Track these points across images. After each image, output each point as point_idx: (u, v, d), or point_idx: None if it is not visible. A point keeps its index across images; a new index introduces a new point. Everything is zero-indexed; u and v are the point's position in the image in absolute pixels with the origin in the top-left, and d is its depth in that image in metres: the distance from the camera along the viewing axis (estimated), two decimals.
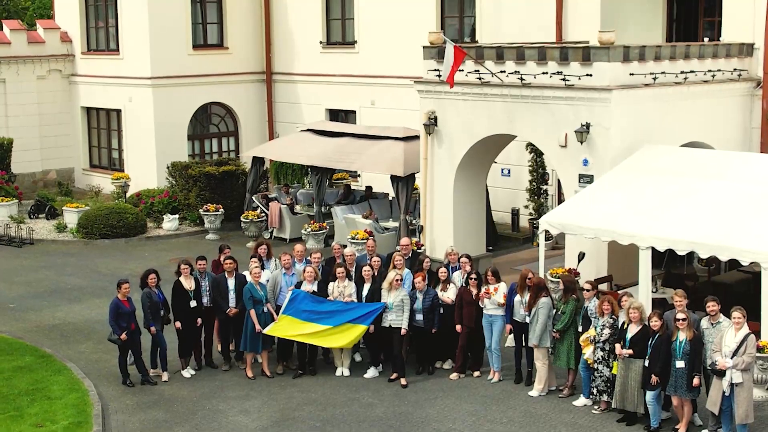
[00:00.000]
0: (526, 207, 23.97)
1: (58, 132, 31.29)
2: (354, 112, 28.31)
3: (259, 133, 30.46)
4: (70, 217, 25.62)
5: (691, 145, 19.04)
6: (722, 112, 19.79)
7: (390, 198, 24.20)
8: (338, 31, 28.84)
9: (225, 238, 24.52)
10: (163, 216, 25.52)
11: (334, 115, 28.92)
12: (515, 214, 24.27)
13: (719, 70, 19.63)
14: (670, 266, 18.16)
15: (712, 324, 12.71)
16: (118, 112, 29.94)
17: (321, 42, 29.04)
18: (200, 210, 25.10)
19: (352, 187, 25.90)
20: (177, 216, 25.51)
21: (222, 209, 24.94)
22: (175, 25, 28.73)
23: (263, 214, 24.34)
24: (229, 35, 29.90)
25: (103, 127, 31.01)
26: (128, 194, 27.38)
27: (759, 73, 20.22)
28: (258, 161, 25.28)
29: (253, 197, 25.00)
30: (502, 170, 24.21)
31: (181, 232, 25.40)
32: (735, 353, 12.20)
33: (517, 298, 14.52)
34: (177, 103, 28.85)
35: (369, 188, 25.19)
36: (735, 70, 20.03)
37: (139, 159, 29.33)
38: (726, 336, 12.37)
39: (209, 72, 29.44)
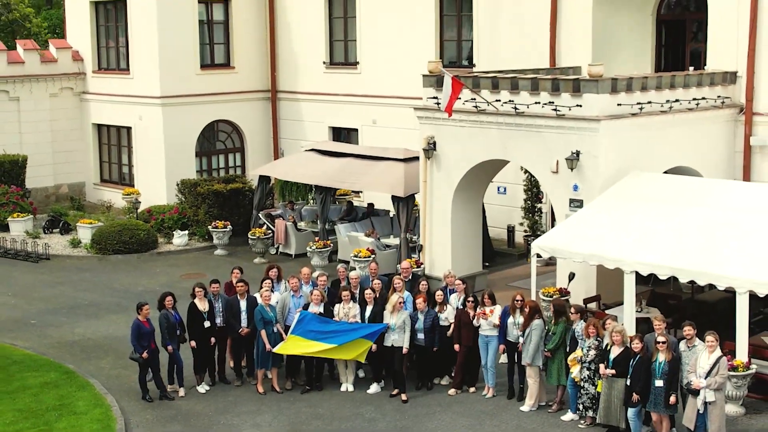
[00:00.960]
0: (521, 224, 25.07)
1: (70, 148, 32.38)
2: (356, 130, 29.38)
3: (264, 150, 31.55)
4: (84, 233, 26.70)
5: (678, 170, 20.17)
6: (707, 137, 20.87)
7: (391, 215, 25.26)
8: (341, 51, 29.91)
9: (233, 254, 25.71)
10: (174, 232, 26.61)
11: (337, 132, 30.01)
12: (511, 230, 25.36)
13: (703, 98, 20.72)
14: (656, 285, 19.22)
15: (689, 347, 13.79)
16: (129, 129, 31.01)
17: (324, 62, 30.11)
18: (209, 226, 26.19)
19: (355, 204, 26.98)
20: (187, 232, 26.62)
21: (230, 225, 26.03)
22: (184, 45, 29.80)
23: (269, 231, 25.44)
24: (235, 55, 30.96)
25: (114, 143, 32.08)
26: (139, 210, 28.44)
27: (742, 100, 21.33)
28: (264, 179, 26.39)
29: (260, 214, 26.09)
30: (499, 188, 25.22)
31: (190, 247, 26.49)
32: (708, 374, 13.29)
33: (510, 319, 15.59)
34: (185, 121, 29.93)
35: (371, 205, 26.28)
36: (719, 97, 21.12)
37: (148, 175, 30.40)
38: (700, 358, 13.46)
39: (216, 91, 30.51)
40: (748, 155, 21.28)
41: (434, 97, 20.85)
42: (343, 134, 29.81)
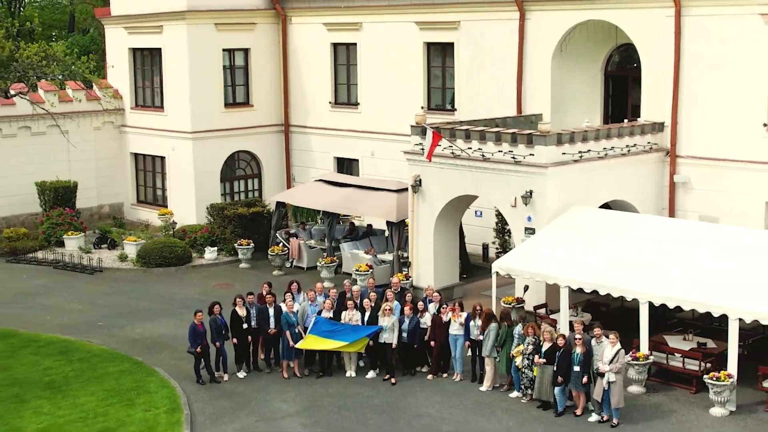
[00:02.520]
0: (494, 242, 30.26)
1: (111, 173, 37.51)
2: (357, 160, 34.54)
3: (278, 176, 36.76)
4: (130, 248, 31.91)
5: (615, 203, 25.40)
6: (639, 176, 26.07)
7: (386, 234, 30.44)
8: (344, 93, 35.09)
9: (255, 267, 30.90)
10: (205, 248, 31.82)
11: (341, 162, 35.19)
12: (485, 248, 30.57)
13: (635, 145, 25.96)
14: (597, 295, 24.30)
15: (597, 342, 18.99)
16: (162, 158, 36.22)
17: (330, 102, 35.30)
18: (234, 244, 31.41)
19: (356, 224, 32.20)
20: (216, 248, 31.82)
21: (252, 243, 31.23)
22: (210, 87, 34.99)
23: (285, 248, 30.65)
24: (254, 95, 36.14)
25: (149, 170, 37.28)
26: (175, 228, 33.61)
27: (668, 145, 26.53)
28: (281, 204, 31.61)
29: (277, 234, 31.28)
30: (476, 212, 30.26)
31: (219, 261, 31.69)
32: (611, 362, 18.48)
33: (473, 322, 20.81)
34: (211, 152, 35.11)
35: (369, 226, 31.49)
36: (649, 143, 26.36)
37: (180, 197, 35.59)
38: (605, 350, 18.67)
39: (238, 126, 35.69)
40: (673, 190, 26.49)
41: (419, 144, 26.05)
42: (346, 164, 35.00)
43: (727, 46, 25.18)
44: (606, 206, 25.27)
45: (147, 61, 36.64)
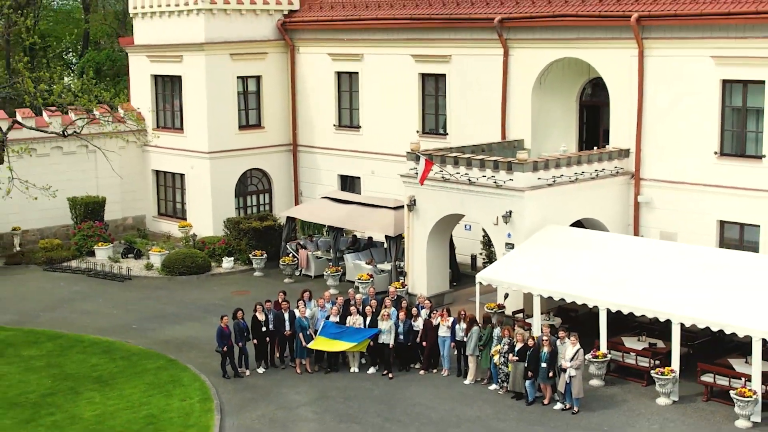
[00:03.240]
0: (481, 253, 33.82)
1: (134, 188, 41.11)
2: (359, 177, 38.15)
3: (287, 191, 40.39)
4: (155, 258, 35.52)
5: (586, 221, 29.01)
6: (606, 197, 29.64)
7: (385, 246, 34.02)
8: (347, 117, 38.70)
9: (268, 275, 34.49)
10: (222, 258, 35.44)
11: (344, 179, 38.79)
12: (474, 258, 34.16)
13: (603, 170, 29.54)
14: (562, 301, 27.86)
15: (561, 343, 22.61)
16: (182, 175, 39.84)
17: (334, 124, 38.93)
18: (249, 254, 35.02)
19: (358, 237, 35.80)
20: (232, 258, 35.44)
21: (265, 254, 34.83)
22: (226, 111, 38.61)
23: (295, 259, 34.25)
24: (265, 118, 39.77)
25: (170, 185, 40.92)
26: (196, 240, 37.22)
27: (632, 169, 30.11)
28: (291, 219, 35.22)
29: (288, 245, 34.89)
30: (465, 226, 33.75)
31: (235, 270, 35.30)
32: (572, 359, 22.09)
33: (458, 326, 24.43)
34: (227, 170, 38.74)
35: (370, 238, 35.09)
36: (615, 167, 29.94)
37: (197, 210, 39.21)
38: (567, 350, 22.28)
39: (250, 146, 39.32)
40: (637, 209, 30.05)
41: (414, 168, 29.65)
42: (348, 181, 38.61)
43: (684, 83, 28.76)
44: (578, 223, 28.93)
45: (167, 87, 40.27)
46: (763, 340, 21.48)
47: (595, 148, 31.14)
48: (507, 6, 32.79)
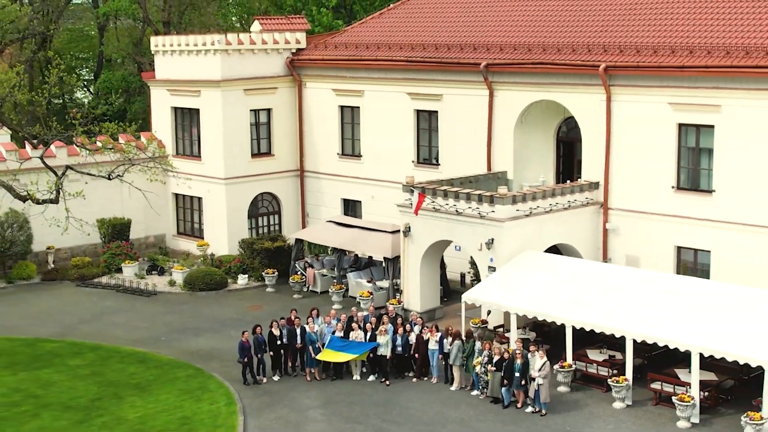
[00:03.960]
0: (470, 272, 37.84)
1: (156, 209, 45.12)
2: (360, 201, 42.19)
3: (294, 212, 44.45)
4: (178, 275, 39.57)
5: (560, 246, 33.03)
6: (578, 224, 33.66)
7: (384, 266, 38.05)
8: (349, 146, 42.76)
9: (278, 291, 38.50)
10: (238, 275, 39.51)
11: (347, 203, 42.84)
12: (462, 276, 38.19)
13: (575, 200, 33.59)
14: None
15: (532, 356, 26.67)
16: (200, 199, 43.92)
17: (338, 153, 43.00)
18: (262, 272, 39.07)
19: (360, 256, 39.86)
20: (247, 275, 39.50)
21: (276, 272, 38.89)
22: (240, 141, 42.68)
23: (303, 276, 38.32)
24: (275, 146, 43.84)
25: (188, 207, 44.99)
26: (214, 258, 41.29)
27: (601, 200, 34.15)
28: (299, 240, 39.30)
29: (296, 264, 38.95)
30: (456, 246, 37.69)
31: (249, 286, 39.37)
32: (539, 369, 26.15)
33: (445, 340, 28.50)
34: (241, 194, 42.80)
35: (370, 258, 39.14)
36: (587, 198, 33.97)
37: (214, 230, 43.27)
38: (536, 362, 26.34)
39: (262, 172, 43.38)
40: (606, 235, 34.08)
41: (409, 199, 33.70)
42: (350, 204, 42.66)
43: (646, 125, 32.80)
44: (554, 248, 32.99)
45: (186, 118, 44.34)
46: (701, 354, 25.52)
47: (568, 181, 35.16)
48: (492, 52, 36.85)
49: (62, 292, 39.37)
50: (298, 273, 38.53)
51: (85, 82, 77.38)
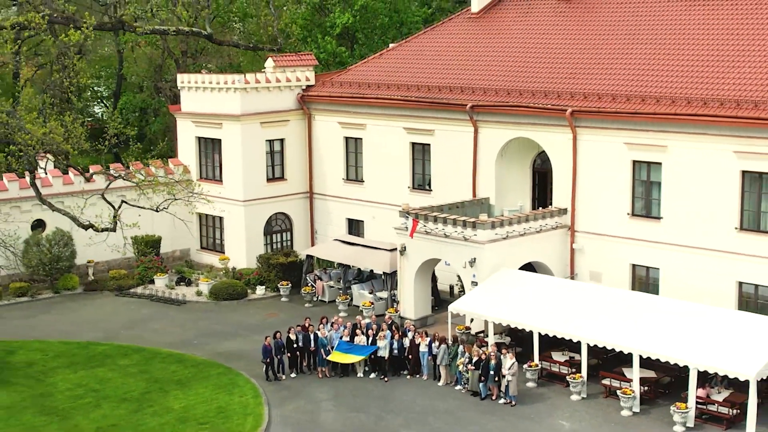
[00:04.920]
0: (458, 284, 43.60)
1: (181, 227, 50.69)
2: (363, 221, 48.03)
3: (304, 230, 50.29)
4: (204, 287, 45.42)
5: (534, 263, 38.86)
6: (549, 245, 39.45)
7: (383, 279, 43.87)
8: (353, 172, 48.59)
9: (292, 300, 44.34)
10: (256, 287, 45.38)
11: (350, 222, 48.65)
12: (452, 287, 44.02)
13: (546, 224, 39.42)
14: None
15: (504, 356, 32.52)
16: (221, 218, 49.77)
17: (343, 178, 48.84)
18: (277, 284, 44.94)
19: (362, 270, 45.69)
20: (264, 287, 45.38)
21: (289, 283, 44.76)
22: (257, 167, 48.47)
23: (313, 288, 44.19)
24: (287, 172, 49.64)
25: (210, 225, 50.83)
26: (235, 271, 47.15)
27: (569, 223, 39.99)
28: (309, 256, 45.17)
29: (307, 277, 44.81)
30: (445, 262, 43.47)
31: (266, 296, 45.23)
32: (509, 368, 32.01)
33: (434, 344, 34.37)
34: (258, 214, 48.62)
35: (371, 272, 45.01)
36: (556, 222, 39.80)
37: (233, 246, 49.09)
38: (507, 362, 32.20)
39: (276, 194, 49.21)
40: (573, 254, 39.89)
41: (404, 224, 39.55)
42: (354, 223, 48.49)
43: (606, 161, 38.57)
44: (528, 265, 38.80)
45: (209, 146, 50.21)
46: (641, 355, 31.35)
47: (540, 208, 41.05)
48: (477, 94, 42.70)
49: (103, 301, 45.23)
50: (309, 285, 44.38)
51: (103, 98, 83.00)
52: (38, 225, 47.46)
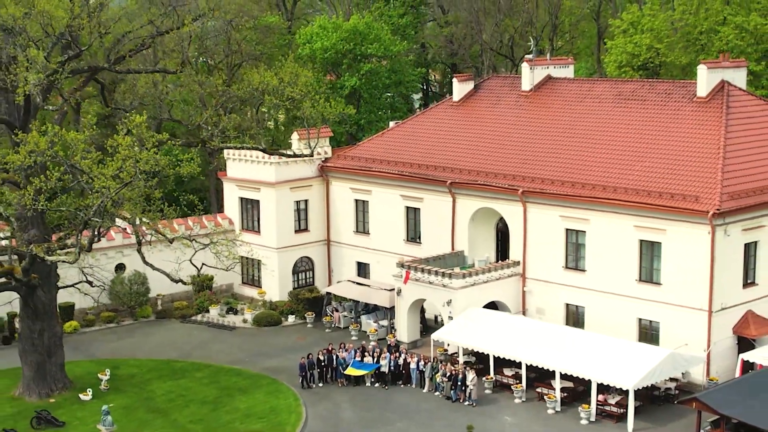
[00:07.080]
0: (440, 315, 57.75)
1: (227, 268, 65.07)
2: (368, 264, 62.23)
3: (323, 271, 64.42)
4: (248, 316, 59.74)
5: (496, 302, 53.12)
6: (507, 288, 53.50)
7: (385, 311, 57.97)
8: (361, 226, 62.73)
9: (316, 327, 58.63)
10: (288, 316, 59.72)
11: (359, 265, 62.73)
12: (436, 317, 58.13)
13: (505, 273, 53.65)
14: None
15: (468, 372, 46.78)
16: (259, 261, 64.02)
17: (353, 230, 63.04)
18: (304, 314, 59.27)
19: (368, 304, 59.94)
20: (294, 315, 59.73)
21: (314, 314, 59.10)
22: (287, 221, 62.65)
23: (331, 317, 58.53)
24: (310, 224, 63.81)
25: (250, 266, 65.15)
26: (271, 303, 61.45)
27: (521, 272, 54.20)
28: (328, 293, 59.57)
29: (327, 308, 59.13)
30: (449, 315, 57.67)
31: (296, 323, 59.46)
32: (471, 380, 46.28)
33: (421, 363, 48.71)
34: (287, 259, 62.78)
35: (375, 305, 59.20)
36: (512, 271, 54.04)
37: (269, 282, 63.30)
38: (470, 376, 46.50)
39: (301, 242, 63.36)
40: (524, 295, 54.13)
41: (400, 273, 53.82)
42: (362, 266, 62.71)
43: (547, 228, 52.73)
44: (492, 303, 53.03)
45: (250, 205, 64.47)
46: (561, 372, 45.61)
47: (500, 261, 55.43)
48: (454, 173, 56.93)
49: (172, 326, 59.51)
50: (329, 314, 58.74)
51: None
52: (120, 267, 61.75)
